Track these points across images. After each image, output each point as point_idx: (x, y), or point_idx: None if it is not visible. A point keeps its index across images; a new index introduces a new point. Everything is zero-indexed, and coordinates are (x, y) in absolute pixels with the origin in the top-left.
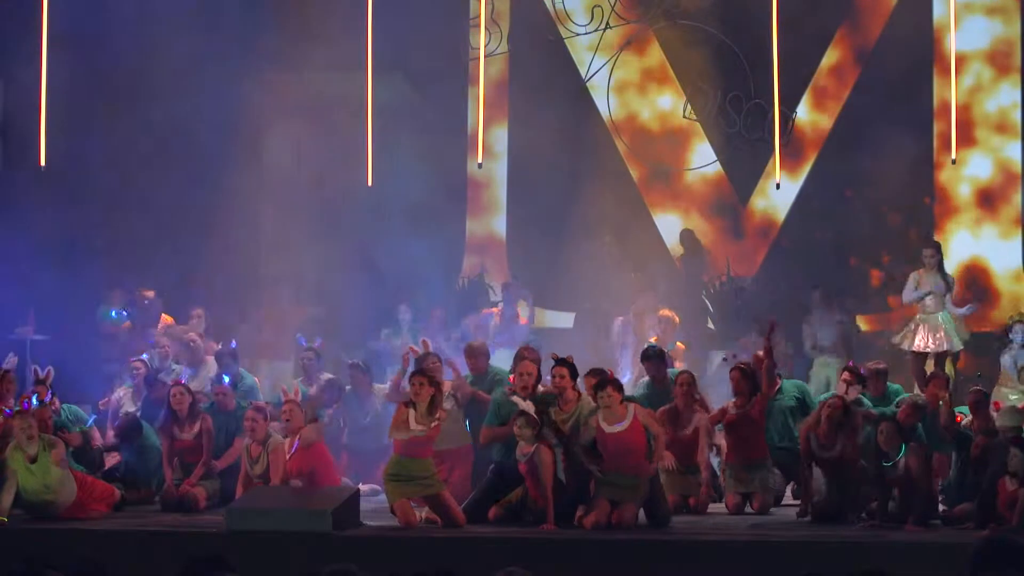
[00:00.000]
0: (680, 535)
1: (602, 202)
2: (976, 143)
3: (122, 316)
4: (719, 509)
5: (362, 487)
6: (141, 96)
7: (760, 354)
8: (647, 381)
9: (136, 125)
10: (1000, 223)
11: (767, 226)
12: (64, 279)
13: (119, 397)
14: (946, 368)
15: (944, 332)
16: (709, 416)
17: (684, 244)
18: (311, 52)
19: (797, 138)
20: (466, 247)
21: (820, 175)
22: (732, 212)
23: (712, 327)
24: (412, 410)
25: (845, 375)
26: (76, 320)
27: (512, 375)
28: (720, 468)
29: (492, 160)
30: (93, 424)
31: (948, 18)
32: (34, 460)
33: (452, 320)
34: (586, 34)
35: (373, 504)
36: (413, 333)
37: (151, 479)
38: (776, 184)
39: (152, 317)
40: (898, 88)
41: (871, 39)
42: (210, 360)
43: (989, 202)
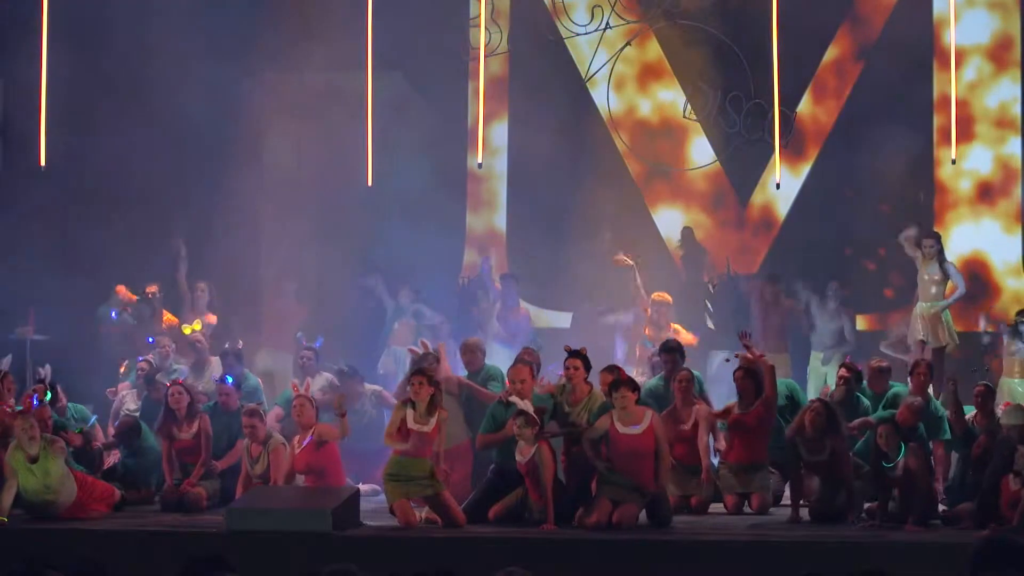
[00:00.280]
0: (680, 535)
1: (601, 200)
2: (976, 138)
3: (123, 316)
4: (719, 509)
5: (362, 487)
6: (141, 96)
7: (749, 355)
8: (659, 378)
9: (136, 125)
10: (1000, 217)
11: (768, 223)
12: (64, 279)
13: (122, 396)
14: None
15: (944, 328)
16: (712, 412)
17: (684, 243)
18: (311, 51)
19: (798, 135)
20: (466, 246)
21: (821, 172)
22: (732, 208)
23: (712, 327)
24: (411, 410)
25: (842, 371)
26: (76, 320)
27: (507, 379)
28: (717, 467)
29: (492, 158)
30: (95, 423)
31: (948, 13)
32: (34, 460)
33: (452, 319)
34: (586, 34)
35: (373, 504)
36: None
37: (150, 479)
38: (776, 184)
39: (155, 315)
40: (898, 85)
41: (872, 36)
42: (214, 360)
43: (989, 197)
